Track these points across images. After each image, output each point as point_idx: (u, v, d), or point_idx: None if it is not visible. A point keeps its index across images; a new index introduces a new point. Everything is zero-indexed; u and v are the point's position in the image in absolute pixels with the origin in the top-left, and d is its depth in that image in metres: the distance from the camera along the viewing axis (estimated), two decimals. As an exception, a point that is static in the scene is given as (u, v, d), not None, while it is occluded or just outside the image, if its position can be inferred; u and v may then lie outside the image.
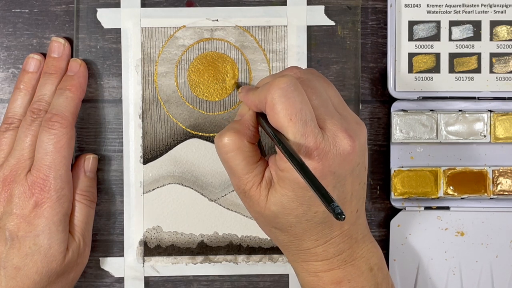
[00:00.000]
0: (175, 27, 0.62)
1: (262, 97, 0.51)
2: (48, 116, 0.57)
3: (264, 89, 0.50)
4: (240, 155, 0.52)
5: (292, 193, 0.50)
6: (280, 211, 0.51)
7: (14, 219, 0.56)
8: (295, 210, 0.51)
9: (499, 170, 0.62)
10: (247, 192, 0.52)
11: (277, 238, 0.54)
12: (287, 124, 0.49)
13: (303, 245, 0.53)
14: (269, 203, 0.52)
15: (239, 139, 0.52)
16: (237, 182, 0.53)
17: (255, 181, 0.52)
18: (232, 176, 0.53)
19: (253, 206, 0.53)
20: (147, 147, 0.62)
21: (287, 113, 0.49)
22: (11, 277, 0.55)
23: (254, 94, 0.52)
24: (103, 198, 0.63)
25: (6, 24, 0.63)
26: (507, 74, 0.62)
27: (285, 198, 0.51)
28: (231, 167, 0.52)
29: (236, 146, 0.52)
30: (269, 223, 0.53)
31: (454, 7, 0.62)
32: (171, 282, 0.63)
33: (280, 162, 0.50)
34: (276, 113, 0.49)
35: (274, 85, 0.49)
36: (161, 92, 0.62)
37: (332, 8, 0.63)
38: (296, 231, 0.52)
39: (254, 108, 0.53)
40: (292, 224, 0.52)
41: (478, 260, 0.63)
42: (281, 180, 0.50)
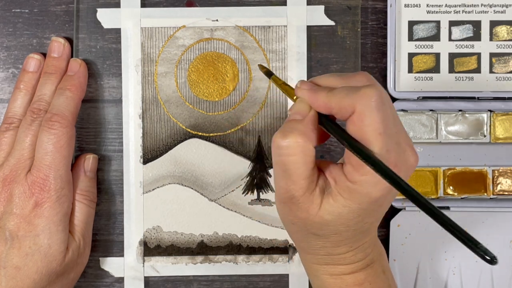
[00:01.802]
0: (175, 27, 0.62)
1: (347, 104, 0.46)
2: (48, 116, 0.57)
3: (351, 96, 0.47)
4: (302, 159, 0.47)
5: (357, 206, 0.48)
6: (333, 221, 0.48)
7: (14, 219, 0.56)
8: (350, 220, 0.49)
9: (499, 170, 0.62)
10: (296, 198, 0.48)
11: (309, 243, 0.51)
12: (376, 138, 0.46)
13: (336, 251, 0.51)
14: (322, 211, 0.48)
15: (305, 142, 0.47)
16: (289, 186, 0.48)
17: (309, 188, 0.48)
18: (283, 179, 0.49)
19: (298, 212, 0.49)
20: (147, 147, 0.62)
21: (377, 127, 0.46)
22: (11, 277, 0.55)
23: (333, 98, 0.48)
24: (103, 198, 0.63)
25: (6, 24, 0.63)
26: (507, 74, 0.62)
27: (346, 209, 0.48)
28: (288, 170, 0.48)
29: (300, 149, 0.47)
30: (311, 229, 0.50)
31: (454, 7, 0.62)
32: (171, 282, 0.63)
33: (352, 174, 0.47)
34: (366, 125, 0.46)
35: (365, 96, 0.46)
36: (161, 92, 0.62)
37: (332, 8, 0.63)
38: (338, 238, 0.50)
39: (323, 110, 0.48)
40: (339, 232, 0.50)
41: (478, 260, 0.63)
42: (349, 192, 0.47)
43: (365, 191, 0.47)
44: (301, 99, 0.50)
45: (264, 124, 0.63)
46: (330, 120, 0.49)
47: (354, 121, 0.47)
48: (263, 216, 0.63)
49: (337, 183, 0.48)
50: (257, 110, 0.63)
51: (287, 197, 0.49)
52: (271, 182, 0.63)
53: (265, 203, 0.63)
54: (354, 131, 0.47)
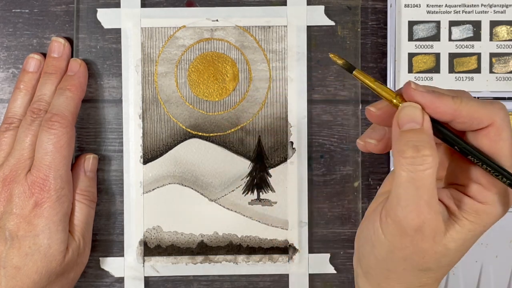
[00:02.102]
0: (175, 27, 0.62)
1: (482, 115, 0.44)
2: (48, 116, 0.57)
3: (487, 107, 0.44)
4: (435, 175, 0.43)
5: (481, 229, 0.45)
6: (456, 249, 0.45)
7: (14, 218, 0.56)
8: (468, 247, 0.46)
9: (499, 170, 0.62)
10: (427, 223, 0.44)
11: (410, 282, 0.47)
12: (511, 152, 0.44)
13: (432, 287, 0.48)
14: (447, 239, 0.45)
15: (436, 154, 0.43)
16: (422, 209, 0.43)
17: (438, 210, 0.44)
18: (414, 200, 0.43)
19: (422, 242, 0.44)
20: (147, 147, 0.62)
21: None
22: (11, 277, 0.55)
23: (465, 106, 0.44)
24: (103, 198, 0.63)
25: (6, 24, 0.63)
26: (507, 74, 0.62)
27: (471, 234, 0.45)
28: (422, 186, 0.43)
29: (435, 163, 0.43)
30: (427, 262, 0.45)
31: (454, 7, 0.62)
32: (171, 282, 0.63)
33: (483, 194, 0.44)
34: (503, 140, 0.44)
35: (503, 109, 0.44)
36: (161, 92, 0.62)
37: (332, 8, 0.63)
38: (447, 270, 0.47)
39: (448, 116, 0.44)
40: (452, 262, 0.46)
41: (478, 260, 0.63)
42: (476, 213, 0.45)
43: (496, 211, 0.45)
44: (411, 104, 0.45)
45: (264, 124, 0.63)
46: (452, 131, 0.45)
47: (490, 135, 0.44)
48: (263, 216, 0.63)
49: (461, 207, 0.45)
50: (257, 110, 0.63)
51: (416, 224, 0.44)
52: (271, 182, 0.63)
53: (265, 203, 0.63)
54: (486, 146, 0.44)
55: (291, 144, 0.62)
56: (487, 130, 0.44)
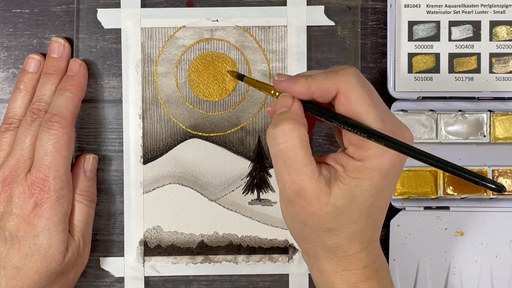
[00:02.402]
0: (175, 27, 0.62)
1: (329, 86, 0.48)
2: (48, 116, 0.57)
3: (331, 78, 0.49)
4: (300, 143, 0.48)
5: (368, 183, 0.48)
6: (347, 206, 0.49)
7: (14, 219, 0.56)
8: (363, 203, 0.49)
9: (499, 170, 0.62)
10: (303, 188, 0.48)
11: (324, 243, 0.51)
12: (367, 110, 0.48)
13: (352, 249, 0.51)
14: (334, 198, 0.48)
15: (298, 126, 0.48)
16: (294, 176, 0.48)
17: (313, 175, 0.48)
18: (287, 171, 0.48)
19: (310, 205, 0.49)
20: (147, 147, 0.62)
21: (365, 99, 0.48)
22: (11, 277, 0.55)
23: (314, 82, 0.49)
24: (103, 198, 0.63)
25: (7, 24, 0.63)
26: (507, 74, 0.62)
27: (359, 190, 0.48)
28: (288, 158, 0.48)
29: (296, 133, 0.48)
30: (325, 223, 0.49)
31: (454, 7, 0.62)
32: (171, 282, 0.63)
33: (357, 152, 0.48)
34: (354, 101, 0.48)
35: (346, 74, 0.48)
36: (161, 92, 0.62)
37: (332, 8, 0.63)
38: (353, 230, 0.50)
39: (306, 96, 0.50)
40: (354, 220, 0.49)
41: (477, 260, 0.63)
42: (357, 171, 0.48)
43: (374, 164, 0.48)
44: (283, 94, 0.51)
45: (264, 124, 0.63)
46: (318, 105, 0.50)
47: (341, 101, 0.48)
48: (263, 216, 0.63)
49: (345, 167, 0.49)
50: (257, 110, 0.63)
51: (294, 191, 0.49)
52: (271, 182, 0.63)
53: (265, 203, 0.63)
54: (344, 111, 0.48)
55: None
56: (338, 98, 0.49)
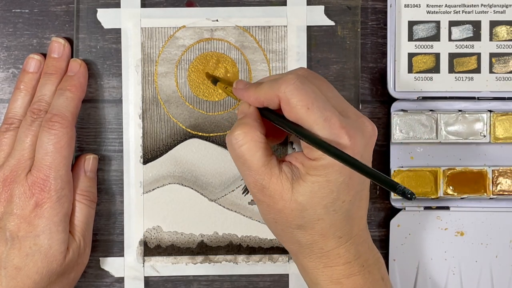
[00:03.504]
0: (175, 27, 0.62)
1: (272, 94, 0.51)
2: (48, 117, 0.57)
3: (272, 86, 0.51)
4: (255, 146, 0.51)
5: (324, 179, 0.50)
6: (309, 201, 0.50)
7: (14, 219, 0.56)
8: (325, 198, 0.50)
9: (499, 170, 0.62)
10: (266, 186, 0.51)
11: (299, 241, 0.53)
12: (306, 114, 0.49)
13: (328, 245, 0.52)
14: (295, 194, 0.51)
15: (251, 130, 0.51)
16: (255, 176, 0.51)
17: (273, 173, 0.51)
18: (247, 172, 0.52)
19: (275, 203, 0.51)
20: (147, 147, 0.62)
21: (303, 104, 0.49)
22: (11, 277, 0.55)
23: (260, 91, 0.52)
24: (103, 198, 0.63)
25: (6, 24, 0.63)
26: (507, 74, 0.62)
27: (316, 185, 0.50)
28: (246, 161, 0.51)
29: (249, 137, 0.51)
30: (293, 220, 0.52)
31: (454, 7, 0.62)
32: (171, 282, 0.63)
33: (310, 152, 0.50)
34: (293, 107, 0.50)
35: (284, 81, 0.50)
36: (161, 92, 0.62)
37: (332, 8, 0.63)
38: (322, 225, 0.51)
39: (257, 104, 0.53)
40: (320, 216, 0.51)
41: (478, 260, 0.63)
42: (313, 168, 0.50)
43: (327, 162, 0.49)
44: (242, 102, 0.54)
45: (264, 124, 0.63)
46: (269, 110, 0.53)
47: (284, 108, 0.51)
48: (263, 216, 0.63)
49: (303, 165, 0.51)
50: (257, 110, 0.63)
51: (259, 190, 0.52)
52: (271, 182, 0.63)
53: (265, 203, 0.63)
54: (289, 117, 0.50)
55: (291, 144, 0.62)
56: (281, 105, 0.51)
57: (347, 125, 0.50)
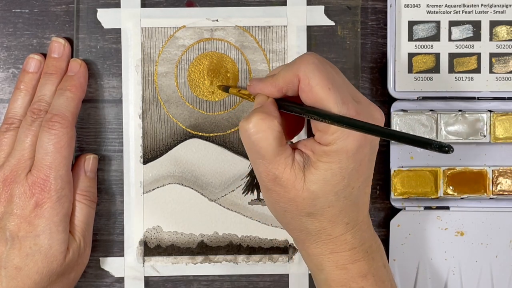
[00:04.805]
0: (175, 27, 0.62)
1: (291, 76, 0.50)
2: (49, 116, 0.57)
3: (291, 68, 0.50)
4: (271, 134, 0.50)
5: (337, 166, 0.49)
6: (321, 189, 0.50)
7: (14, 219, 0.56)
8: (336, 185, 0.50)
9: (499, 170, 0.62)
10: (279, 176, 0.50)
11: (307, 228, 0.52)
12: (327, 94, 0.49)
13: (335, 231, 0.52)
14: (308, 183, 0.50)
15: (269, 118, 0.50)
16: (268, 166, 0.50)
17: (287, 163, 0.50)
18: (260, 162, 0.51)
19: (286, 193, 0.51)
20: (147, 147, 0.62)
21: (325, 84, 0.49)
22: (11, 277, 0.55)
23: (278, 77, 0.51)
24: (103, 198, 0.63)
25: (6, 24, 0.63)
26: (507, 74, 0.62)
27: (329, 173, 0.50)
28: (261, 149, 0.50)
29: (266, 125, 0.50)
30: (304, 208, 0.51)
31: (454, 7, 0.62)
32: (171, 282, 0.63)
33: (323, 137, 0.49)
34: (313, 86, 0.49)
35: (303, 62, 0.50)
36: (161, 92, 0.62)
37: (332, 8, 0.63)
38: (332, 212, 0.51)
39: (275, 92, 0.52)
40: (331, 203, 0.51)
41: (478, 260, 0.63)
42: (325, 155, 0.49)
43: (340, 147, 0.49)
44: (258, 95, 0.53)
45: (264, 124, 0.63)
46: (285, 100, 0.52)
47: (303, 88, 0.50)
48: (263, 216, 0.63)
49: (314, 152, 0.50)
50: (257, 110, 0.63)
51: (271, 180, 0.51)
52: (271, 182, 0.63)
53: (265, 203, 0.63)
54: (307, 98, 0.50)
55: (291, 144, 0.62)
56: (300, 86, 0.50)
57: (361, 111, 0.50)
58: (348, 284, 0.52)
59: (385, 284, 0.54)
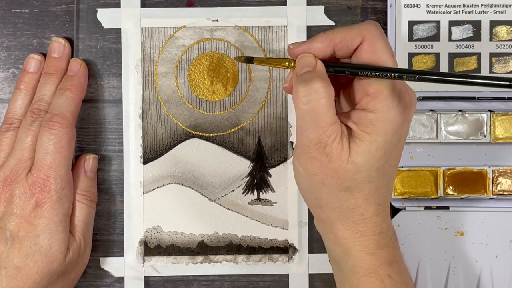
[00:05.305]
0: (175, 27, 0.62)
1: (354, 35, 0.50)
2: (49, 116, 0.57)
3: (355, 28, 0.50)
4: (330, 102, 0.49)
5: (382, 138, 0.49)
6: (365, 162, 0.50)
7: (14, 219, 0.56)
8: (380, 159, 0.50)
9: (499, 170, 0.62)
10: (328, 145, 0.49)
11: (341, 205, 0.51)
12: (391, 59, 0.49)
13: (368, 211, 0.52)
14: (353, 155, 0.50)
15: (328, 85, 0.49)
16: (321, 133, 0.49)
17: (338, 132, 0.50)
18: (314, 128, 0.49)
19: (331, 163, 0.50)
20: (147, 147, 0.62)
21: (389, 49, 0.50)
22: (12, 277, 0.55)
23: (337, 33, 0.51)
24: (103, 198, 0.63)
25: (6, 24, 0.63)
26: (507, 74, 0.62)
27: (374, 145, 0.49)
28: (318, 116, 0.49)
29: (326, 92, 0.49)
30: (343, 182, 0.50)
31: (454, 7, 0.62)
32: (171, 282, 0.63)
33: (372, 103, 0.49)
34: (378, 50, 0.49)
35: (371, 25, 0.50)
36: (161, 92, 0.62)
37: (332, 8, 0.63)
38: (369, 189, 0.51)
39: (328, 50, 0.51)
40: (371, 179, 0.51)
41: (478, 260, 0.63)
42: (371, 124, 0.49)
43: (387, 116, 0.49)
44: (302, 55, 0.51)
45: (264, 124, 0.63)
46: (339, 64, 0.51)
47: (365, 49, 0.50)
48: (263, 216, 0.63)
49: (358, 123, 0.50)
50: (257, 110, 0.63)
51: (320, 148, 0.50)
52: (271, 182, 0.63)
53: (265, 203, 0.63)
54: (366, 59, 0.50)
55: (291, 144, 0.62)
56: (362, 47, 0.50)
57: (408, 89, 0.50)
58: (377, 271, 0.52)
59: (407, 273, 0.54)
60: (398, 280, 0.52)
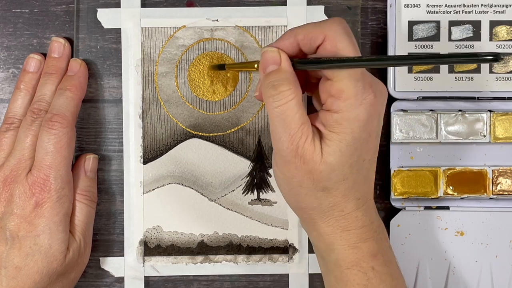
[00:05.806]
0: (175, 27, 0.62)
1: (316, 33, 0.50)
2: (49, 116, 0.57)
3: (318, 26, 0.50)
4: (299, 103, 0.50)
5: (350, 136, 0.50)
6: (337, 161, 0.50)
7: (14, 219, 0.56)
8: (351, 156, 0.50)
9: (499, 170, 0.62)
10: (300, 147, 0.50)
11: (320, 204, 0.52)
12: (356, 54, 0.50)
13: (348, 207, 0.52)
14: (325, 155, 0.50)
15: (295, 87, 0.50)
16: (292, 136, 0.50)
17: (309, 133, 0.50)
18: (285, 130, 0.50)
19: (305, 165, 0.51)
20: (147, 147, 0.62)
21: (351, 49, 0.49)
22: (11, 277, 0.55)
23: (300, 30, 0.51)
24: (103, 198, 0.63)
25: (6, 24, 0.63)
26: (507, 74, 0.62)
27: (343, 144, 0.50)
28: (287, 118, 0.50)
29: (293, 94, 0.50)
30: (320, 182, 0.51)
31: (454, 7, 0.62)
32: (171, 282, 0.63)
33: (335, 103, 0.50)
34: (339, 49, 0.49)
35: (335, 23, 0.50)
36: (161, 92, 0.62)
37: (332, 8, 0.63)
38: (346, 185, 0.51)
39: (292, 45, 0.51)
40: (345, 176, 0.51)
41: (478, 260, 0.63)
42: (337, 124, 0.50)
43: (352, 115, 0.49)
44: (265, 50, 0.52)
45: (264, 124, 0.63)
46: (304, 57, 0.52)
47: (327, 48, 0.50)
48: (263, 216, 0.63)
49: (326, 124, 0.50)
50: (257, 110, 0.63)
51: (292, 150, 0.50)
52: (271, 182, 0.63)
53: (265, 203, 0.63)
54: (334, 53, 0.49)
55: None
56: (324, 45, 0.50)
57: (372, 83, 0.50)
58: (359, 264, 0.53)
59: (392, 264, 0.54)
60: (382, 272, 0.53)
